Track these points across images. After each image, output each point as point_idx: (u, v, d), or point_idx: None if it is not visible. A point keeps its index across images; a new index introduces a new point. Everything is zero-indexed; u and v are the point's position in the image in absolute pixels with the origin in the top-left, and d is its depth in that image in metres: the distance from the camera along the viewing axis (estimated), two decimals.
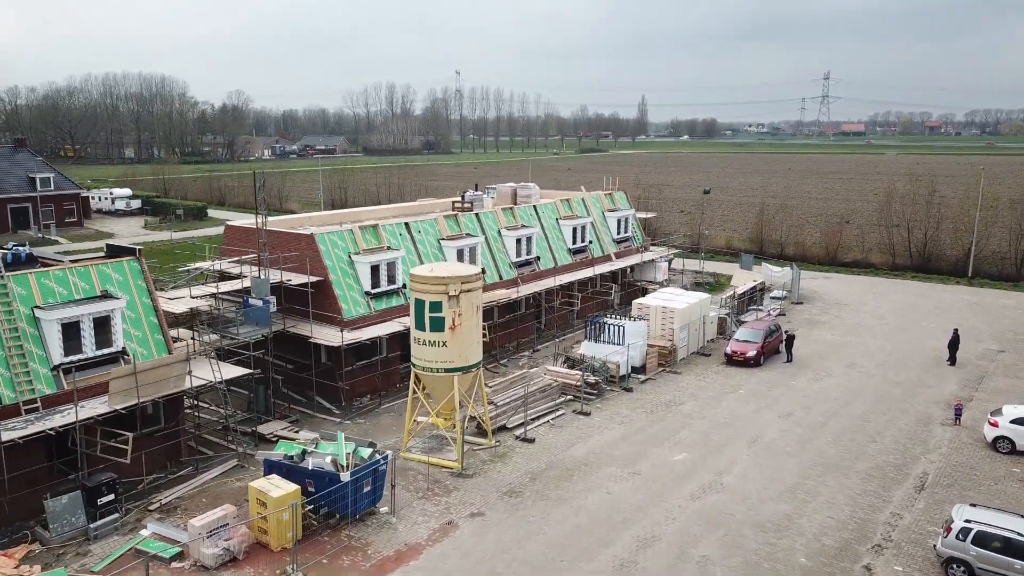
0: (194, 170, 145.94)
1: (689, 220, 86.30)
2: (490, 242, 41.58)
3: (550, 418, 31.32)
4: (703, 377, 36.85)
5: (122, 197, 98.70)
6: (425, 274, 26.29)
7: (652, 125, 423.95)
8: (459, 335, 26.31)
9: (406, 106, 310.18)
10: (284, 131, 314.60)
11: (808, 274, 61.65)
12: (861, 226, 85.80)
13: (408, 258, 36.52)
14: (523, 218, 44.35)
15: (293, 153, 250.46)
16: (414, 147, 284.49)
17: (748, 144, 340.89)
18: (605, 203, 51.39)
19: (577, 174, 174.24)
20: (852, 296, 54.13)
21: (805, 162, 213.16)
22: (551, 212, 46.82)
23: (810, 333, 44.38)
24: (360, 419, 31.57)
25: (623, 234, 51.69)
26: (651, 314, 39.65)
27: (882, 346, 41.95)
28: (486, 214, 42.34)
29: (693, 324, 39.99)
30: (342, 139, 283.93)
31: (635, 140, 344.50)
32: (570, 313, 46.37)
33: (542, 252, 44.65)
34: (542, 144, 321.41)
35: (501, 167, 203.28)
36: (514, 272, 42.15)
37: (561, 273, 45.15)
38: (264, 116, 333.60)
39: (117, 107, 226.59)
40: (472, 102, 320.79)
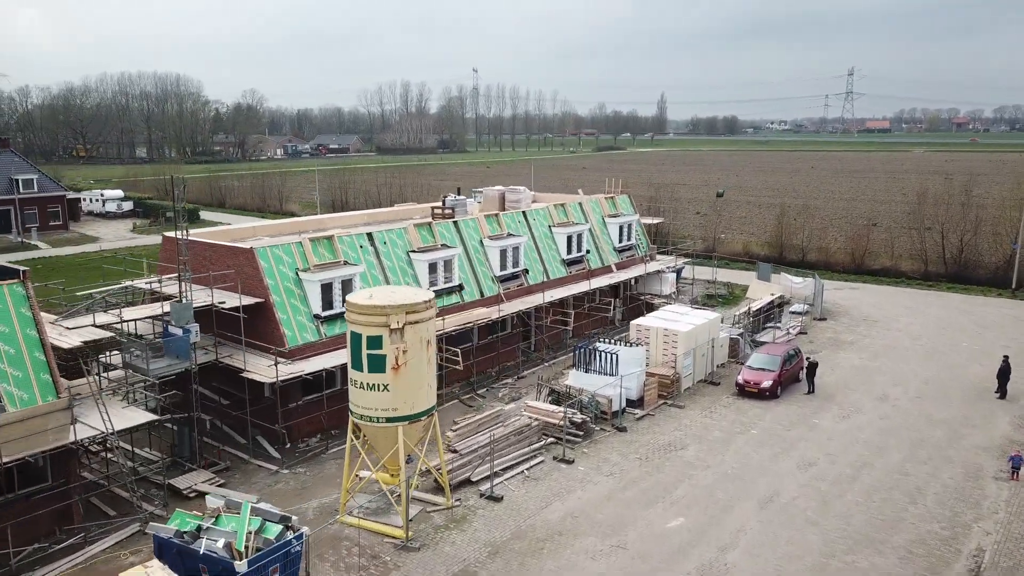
0: (197, 170, 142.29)
1: (705, 223, 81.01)
2: (470, 254, 36.80)
3: (525, 468, 26.47)
4: (710, 412, 31.82)
5: (113, 199, 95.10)
6: (361, 302, 21.52)
7: (672, 123, 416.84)
8: (404, 377, 21.53)
9: (421, 105, 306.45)
10: (298, 130, 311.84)
11: (832, 284, 56.28)
12: (890, 229, 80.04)
13: (370, 274, 31.84)
14: (510, 226, 39.51)
15: (305, 152, 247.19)
16: (429, 146, 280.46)
17: (770, 142, 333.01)
18: (606, 208, 46.40)
19: (592, 173, 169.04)
20: (882, 310, 48.72)
21: (829, 160, 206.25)
22: (543, 219, 41.94)
23: (835, 356, 39.15)
24: (302, 467, 26.89)
25: (626, 242, 46.69)
26: (651, 337, 34.66)
27: (917, 372, 36.64)
28: (466, 222, 37.55)
29: (700, 348, 34.97)
30: (355, 138, 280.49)
31: (653, 139, 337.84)
32: (564, 333, 41.50)
33: (531, 264, 39.81)
34: (559, 143, 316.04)
35: (514, 166, 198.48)
36: (497, 287, 37.33)
37: (553, 287, 40.30)
38: (279, 115, 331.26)
39: (128, 106, 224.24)
40: (488, 100, 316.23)
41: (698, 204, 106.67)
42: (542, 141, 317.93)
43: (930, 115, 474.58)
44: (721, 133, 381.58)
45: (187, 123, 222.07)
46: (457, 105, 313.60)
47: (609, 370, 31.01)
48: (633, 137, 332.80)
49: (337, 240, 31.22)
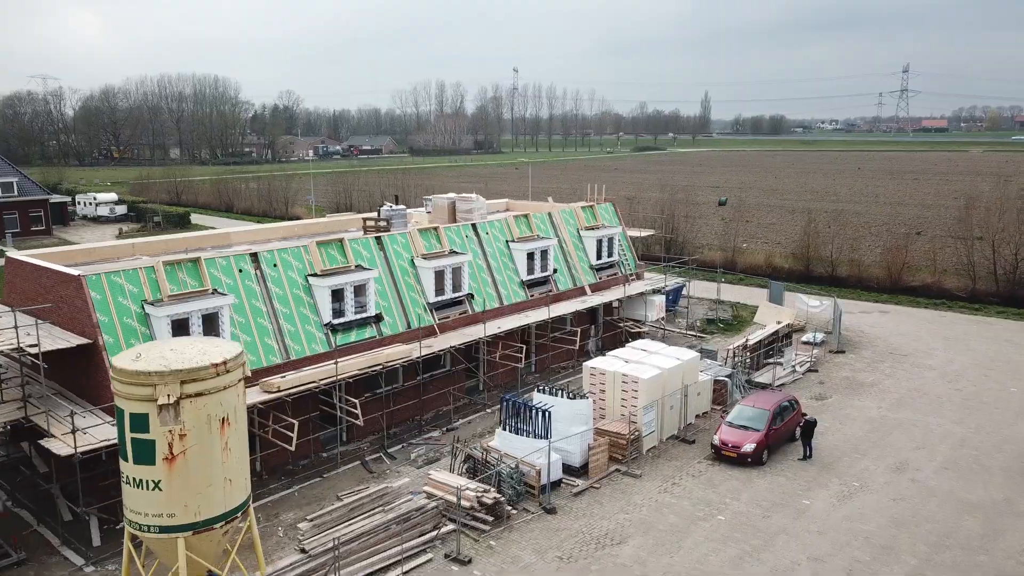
0: (215, 171, 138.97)
1: (728, 230, 73.42)
2: (396, 276, 30.54)
3: (402, 572, 20.08)
4: (673, 485, 25.00)
5: (106, 203, 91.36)
6: (123, 365, 15.41)
7: (716, 123, 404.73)
8: (184, 471, 15.34)
9: (456, 104, 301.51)
10: (333, 131, 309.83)
11: (859, 306, 48.66)
12: (935, 239, 71.47)
13: (248, 305, 25.80)
14: (454, 242, 33.15)
15: (336, 154, 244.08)
16: (464, 147, 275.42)
17: (817, 142, 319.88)
18: (582, 219, 39.68)
19: (623, 174, 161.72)
20: (915, 341, 41.02)
21: (879, 160, 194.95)
22: (500, 233, 35.47)
23: (847, 405, 31.88)
24: (113, 563, 20.91)
25: (606, 259, 39.90)
26: (607, 384, 27.97)
27: (950, 430, 29.20)
28: (393, 238, 31.29)
29: (671, 397, 28.13)
30: (388, 139, 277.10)
31: (695, 138, 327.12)
32: (524, 368, 35.02)
33: (480, 287, 33.40)
34: (597, 143, 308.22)
35: (545, 167, 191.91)
36: (431, 317, 31.00)
37: (509, 314, 33.86)
38: (316, 116, 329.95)
39: (160, 108, 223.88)
40: (524, 99, 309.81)
41: (727, 209, 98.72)
42: (580, 141, 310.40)
43: (991, 113, 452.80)
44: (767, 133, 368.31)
45: (217, 125, 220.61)
46: (492, 105, 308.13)
47: (539, 431, 24.42)
48: (674, 137, 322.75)
49: (204, 263, 25.23)
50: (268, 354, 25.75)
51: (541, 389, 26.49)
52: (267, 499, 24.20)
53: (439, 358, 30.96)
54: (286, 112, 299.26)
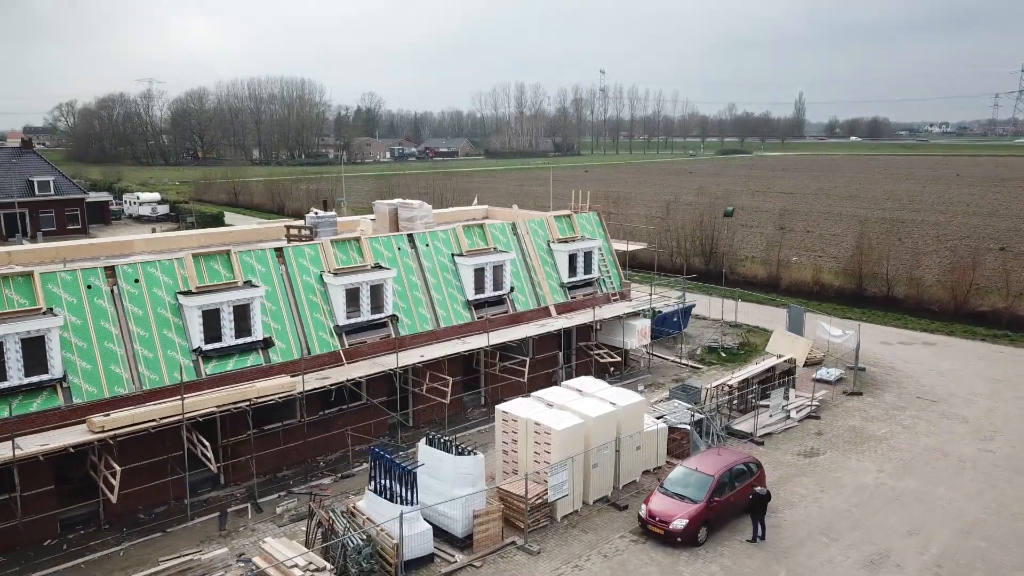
0: (275, 173, 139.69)
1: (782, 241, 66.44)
2: (298, 294, 26.59)
3: None
4: (574, 570, 20.00)
5: (148, 203, 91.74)
6: None
7: (810, 125, 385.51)
8: None
9: (536, 107, 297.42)
10: (414, 133, 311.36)
11: (903, 335, 41.88)
12: (1020, 256, 62.65)
13: (95, 326, 22.33)
14: (380, 254, 28.96)
15: (412, 156, 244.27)
16: (542, 149, 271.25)
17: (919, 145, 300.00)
18: (554, 230, 34.76)
19: (697, 178, 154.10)
20: (954, 382, 34.22)
21: (987, 166, 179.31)
22: (444, 245, 31.06)
23: (842, 463, 25.94)
24: None
25: (582, 275, 34.85)
26: (520, 432, 23.17)
27: (961, 510, 22.98)
28: (299, 250, 27.34)
29: (600, 451, 23.06)
30: (465, 141, 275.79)
31: (784, 141, 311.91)
32: (471, 402, 30.56)
33: (411, 306, 29.09)
34: (680, 145, 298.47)
35: (618, 170, 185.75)
36: (338, 342, 26.90)
37: (445, 338, 29.44)
38: (400, 119, 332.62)
39: (241, 110, 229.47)
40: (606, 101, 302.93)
41: (790, 216, 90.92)
42: (662, 144, 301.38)
43: None
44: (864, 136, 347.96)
45: (295, 126, 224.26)
46: (574, 108, 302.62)
47: (405, 494, 19.90)
48: (762, 140, 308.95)
49: (39, 279, 21.91)
50: (114, 384, 22.23)
51: (431, 438, 21.95)
52: (90, 556, 20.64)
53: (356, 387, 26.80)
54: (368, 114, 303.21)
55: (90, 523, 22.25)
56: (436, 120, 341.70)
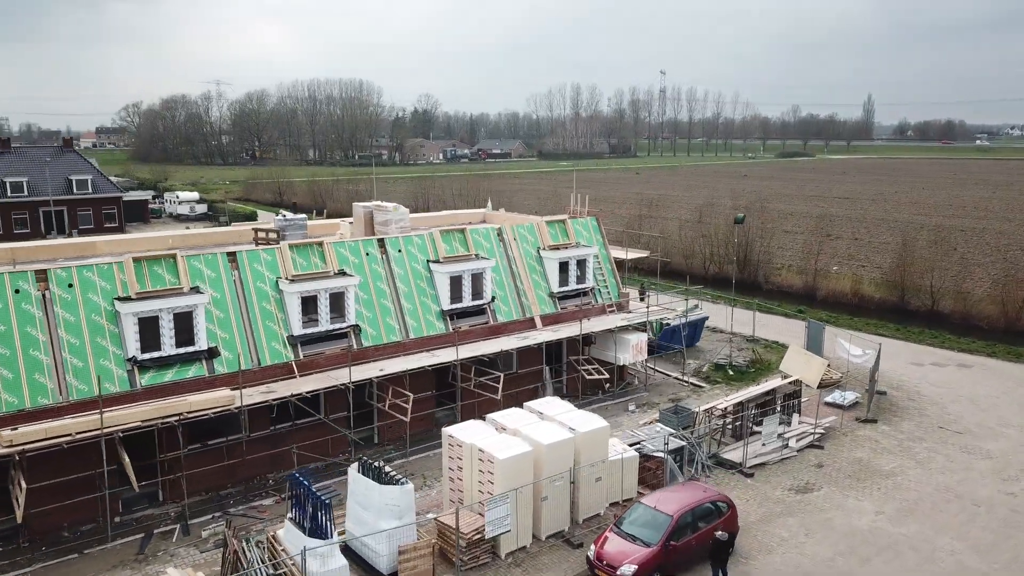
0: (317, 172, 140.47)
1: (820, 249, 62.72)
2: (250, 302, 25.15)
3: None
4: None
5: (187, 201, 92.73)
6: None
7: (881, 127, 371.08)
8: None
9: (592, 108, 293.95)
10: (469, 135, 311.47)
11: (937, 355, 38.39)
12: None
13: (20, 334, 21.25)
14: (346, 260, 27.34)
15: (465, 157, 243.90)
16: (597, 151, 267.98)
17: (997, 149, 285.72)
18: (546, 236, 32.61)
19: (753, 182, 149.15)
20: (985, 411, 30.81)
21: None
22: (418, 251, 29.27)
23: (837, 502, 23.19)
24: None
25: (574, 285, 32.62)
26: (465, 459, 21.19)
27: (963, 565, 20.05)
28: (255, 255, 25.91)
29: (550, 484, 20.92)
30: (518, 143, 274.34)
31: (850, 144, 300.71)
32: (439, 418, 28.74)
33: (378, 316, 27.39)
34: (740, 148, 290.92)
35: (670, 172, 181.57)
36: (293, 352, 25.38)
37: (415, 350, 27.68)
38: (456, 120, 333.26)
39: (296, 111, 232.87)
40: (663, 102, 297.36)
41: (840, 222, 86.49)
42: (721, 146, 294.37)
43: None
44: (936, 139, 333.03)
45: (348, 127, 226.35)
46: (631, 109, 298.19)
47: (320, 527, 18.14)
48: (826, 143, 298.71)
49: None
50: (37, 394, 21.11)
51: (363, 463, 20.18)
52: None
53: (313, 402, 25.22)
54: (424, 116, 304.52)
55: (12, 540, 21.18)
56: (492, 122, 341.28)
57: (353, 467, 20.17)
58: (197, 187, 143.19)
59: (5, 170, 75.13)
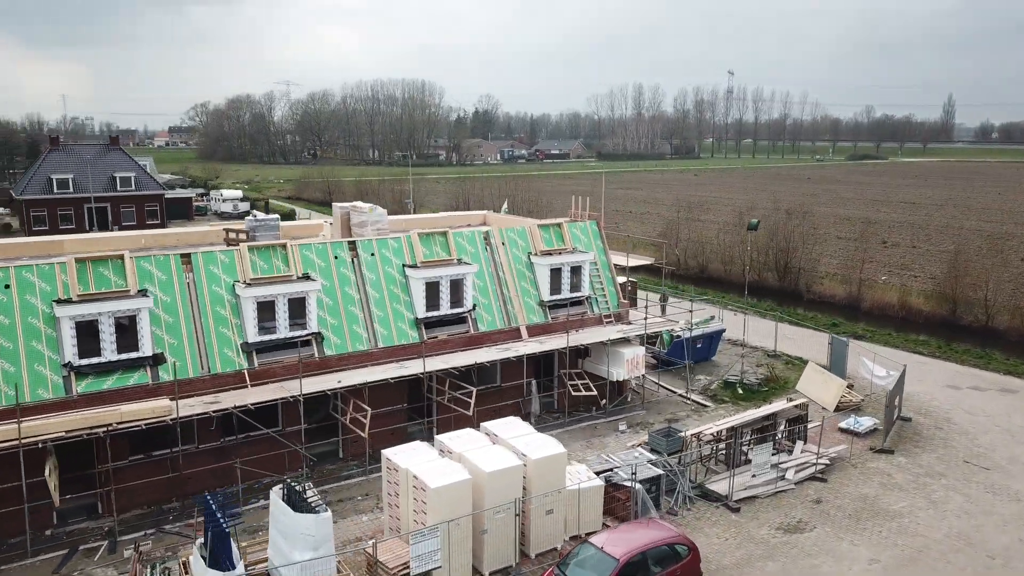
0: (356, 172, 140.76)
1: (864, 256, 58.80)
2: (202, 306, 23.91)
3: None
4: None
5: (230, 199, 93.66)
6: None
7: (962, 129, 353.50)
8: None
9: (655, 108, 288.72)
10: (530, 135, 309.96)
11: (981, 378, 34.83)
12: None
13: None
14: (311, 264, 25.89)
15: (522, 157, 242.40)
16: (658, 152, 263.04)
17: None
18: (537, 240, 30.56)
19: (815, 184, 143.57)
20: (1022, 445, 27.49)
21: None
22: (396, 254, 27.64)
23: (828, 545, 20.55)
24: None
25: (568, 293, 30.49)
26: (402, 485, 19.41)
27: None
28: (211, 257, 24.65)
29: (492, 516, 18.95)
30: (576, 143, 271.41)
31: (926, 146, 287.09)
32: (413, 433, 27.03)
33: (344, 323, 25.86)
34: (809, 150, 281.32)
35: (728, 174, 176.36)
36: (244, 361, 24.04)
37: (384, 360, 26.07)
38: (517, 120, 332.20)
39: (356, 111, 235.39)
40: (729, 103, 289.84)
41: (899, 229, 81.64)
42: (789, 148, 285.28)
43: None
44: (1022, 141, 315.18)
45: (406, 127, 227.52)
46: (696, 109, 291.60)
47: (220, 557, 16.62)
48: (900, 145, 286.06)
49: None
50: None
51: (287, 486, 18.61)
52: None
53: (270, 414, 23.84)
54: (484, 116, 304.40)
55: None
56: (553, 123, 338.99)
57: (275, 490, 18.61)
58: (251, 185, 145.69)
59: (53, 167, 76.95)
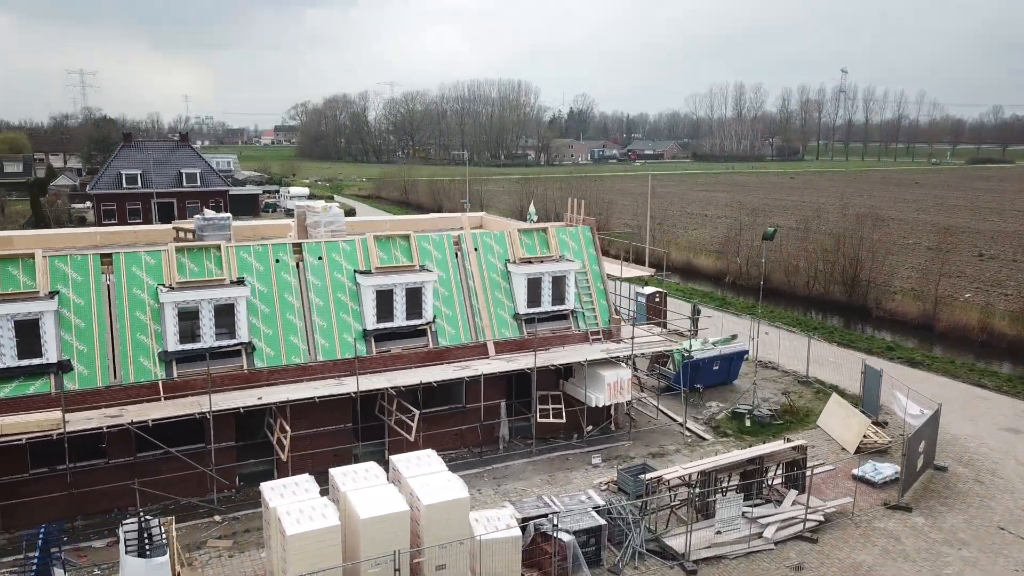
0: (430, 172, 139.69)
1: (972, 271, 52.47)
2: (121, 311, 22.22)
3: None
4: None
5: (297, 196, 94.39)
6: None
7: None
8: None
9: (757, 108, 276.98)
10: (624, 135, 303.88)
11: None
12: None
13: None
14: (248, 267, 23.85)
15: (613, 158, 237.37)
16: (759, 153, 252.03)
17: None
18: (516, 247, 27.53)
19: (923, 189, 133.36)
20: None
21: None
22: (348, 259, 25.28)
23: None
24: None
25: (548, 306, 27.33)
26: (272, 524, 16.95)
27: None
28: (135, 257, 22.86)
29: (369, 569, 16.21)
30: (671, 144, 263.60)
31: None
32: (360, 455, 24.65)
33: (280, 333, 23.70)
34: (925, 152, 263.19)
35: (827, 177, 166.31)
36: (161, 371, 22.20)
37: (328, 374, 23.78)
38: (613, 120, 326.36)
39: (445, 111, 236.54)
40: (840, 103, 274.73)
41: (1004, 240, 73.45)
42: (903, 150, 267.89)
43: None
44: None
45: (495, 128, 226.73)
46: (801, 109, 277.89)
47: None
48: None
49: None
50: None
51: (142, 521, 16.50)
52: None
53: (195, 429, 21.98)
54: (580, 116, 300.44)
55: None
56: (651, 122, 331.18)
57: (125, 526, 16.54)
58: (332, 183, 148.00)
59: (124, 163, 79.29)
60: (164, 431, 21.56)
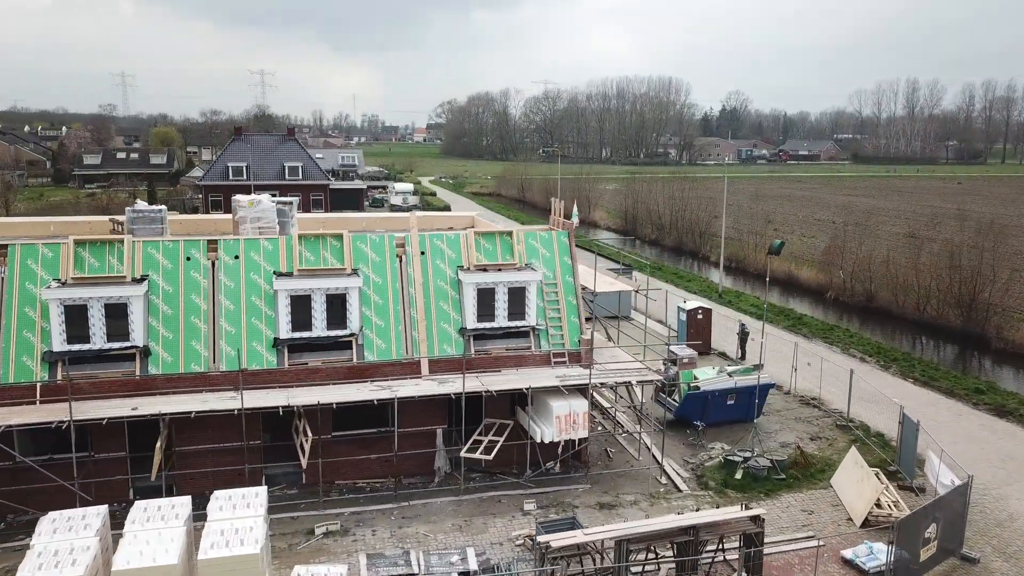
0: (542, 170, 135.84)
1: None
2: (9, 306, 20.93)
3: None
4: None
5: (401, 192, 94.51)
6: None
7: None
8: None
9: (932, 106, 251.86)
10: (780, 134, 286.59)
11: None
12: None
13: None
14: (155, 264, 21.96)
15: (762, 158, 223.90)
16: (931, 155, 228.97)
17: None
18: (471, 252, 24.01)
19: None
20: None
21: None
22: (269, 258, 22.84)
23: None
24: None
25: (503, 321, 23.62)
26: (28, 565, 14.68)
27: None
28: (31, 250, 21.53)
29: None
30: (830, 144, 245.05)
31: None
32: (277, 478, 22.24)
33: (180, 338, 21.64)
34: None
35: (994, 182, 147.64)
36: (44, 372, 20.68)
37: (230, 385, 21.51)
38: (771, 118, 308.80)
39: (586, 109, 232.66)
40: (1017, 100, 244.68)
41: None
42: None
43: None
44: None
45: (635, 125, 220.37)
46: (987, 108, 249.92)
47: None
48: None
49: None
50: None
51: None
52: None
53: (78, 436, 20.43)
54: (732, 114, 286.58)
55: None
56: (813, 121, 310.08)
57: None
58: (455, 180, 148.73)
59: (232, 156, 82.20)
60: (41, 437, 20.11)
